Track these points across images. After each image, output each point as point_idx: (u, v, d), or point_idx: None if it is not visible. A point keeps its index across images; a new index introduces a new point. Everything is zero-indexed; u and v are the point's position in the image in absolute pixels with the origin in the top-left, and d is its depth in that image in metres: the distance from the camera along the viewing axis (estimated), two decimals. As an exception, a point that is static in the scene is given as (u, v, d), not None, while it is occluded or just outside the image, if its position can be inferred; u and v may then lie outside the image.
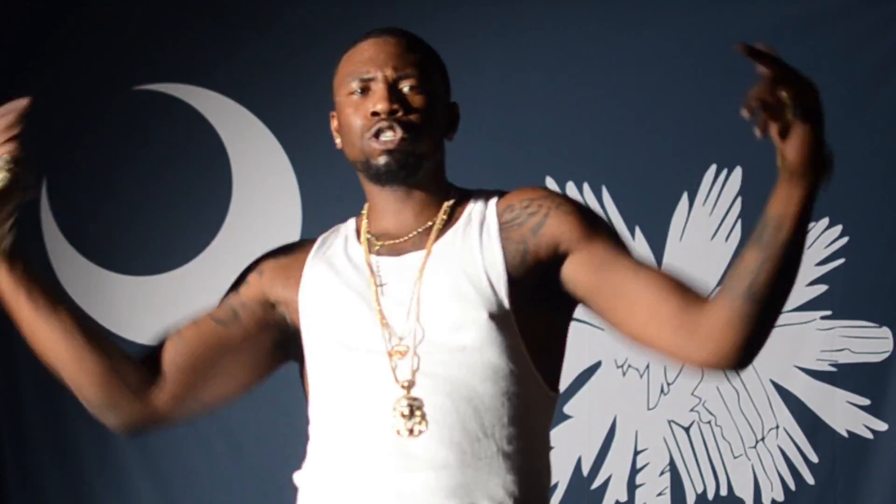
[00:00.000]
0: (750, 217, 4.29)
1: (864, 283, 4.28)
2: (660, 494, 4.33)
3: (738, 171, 4.31)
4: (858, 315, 4.28)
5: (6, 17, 4.49)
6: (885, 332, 4.26)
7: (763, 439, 4.31)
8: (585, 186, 4.35)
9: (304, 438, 2.25)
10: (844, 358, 4.28)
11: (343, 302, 2.14)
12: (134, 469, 4.44)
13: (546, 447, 2.17)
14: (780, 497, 4.29)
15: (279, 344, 2.25)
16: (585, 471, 4.34)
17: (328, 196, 4.30)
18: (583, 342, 4.29)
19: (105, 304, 4.46)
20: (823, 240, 4.29)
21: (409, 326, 2.08)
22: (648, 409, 4.35)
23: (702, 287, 2.08)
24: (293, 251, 2.27)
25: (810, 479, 4.28)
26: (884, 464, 4.25)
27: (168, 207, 4.48)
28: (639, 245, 4.33)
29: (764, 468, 4.31)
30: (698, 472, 4.33)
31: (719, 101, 4.32)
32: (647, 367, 4.34)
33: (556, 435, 4.28)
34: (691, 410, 4.34)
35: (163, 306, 4.42)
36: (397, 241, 2.16)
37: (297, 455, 2.28)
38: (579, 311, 2.19)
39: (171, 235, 4.48)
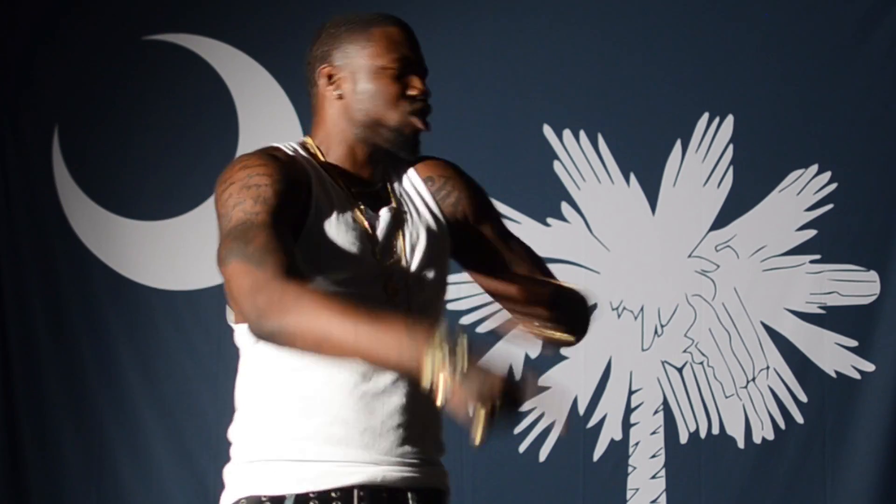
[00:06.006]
0: (741, 164, 4.36)
1: (852, 227, 4.33)
2: (653, 433, 4.38)
3: (729, 119, 4.35)
4: (847, 259, 4.33)
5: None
6: (873, 275, 4.32)
7: (754, 379, 4.37)
8: (582, 134, 4.39)
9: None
10: (833, 301, 4.34)
11: (344, 236, 2.42)
12: (140, 400, 4.48)
13: None
14: (770, 435, 4.35)
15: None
16: (582, 410, 4.39)
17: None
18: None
19: (115, 248, 4.51)
20: (812, 186, 4.34)
21: (399, 265, 2.45)
22: (642, 350, 4.40)
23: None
24: (291, 166, 2.43)
25: (799, 419, 4.34)
26: (871, 404, 4.31)
27: (176, 154, 4.50)
28: (633, 191, 4.40)
29: (755, 407, 4.36)
30: (691, 411, 4.39)
31: (712, 50, 4.37)
32: (642, 309, 4.39)
33: (553, 375, 4.34)
34: (684, 351, 4.39)
35: (171, 250, 4.49)
36: (362, 189, 2.47)
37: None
38: (577, 256, 2.28)
39: (179, 181, 4.50)
